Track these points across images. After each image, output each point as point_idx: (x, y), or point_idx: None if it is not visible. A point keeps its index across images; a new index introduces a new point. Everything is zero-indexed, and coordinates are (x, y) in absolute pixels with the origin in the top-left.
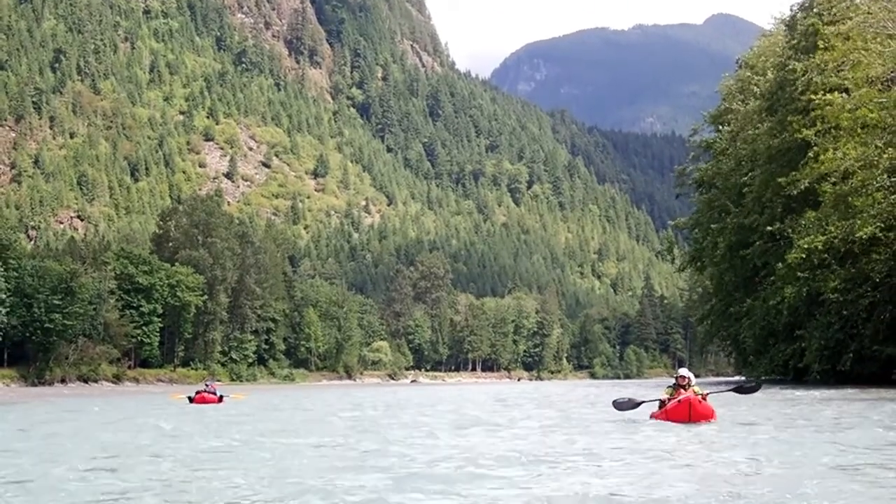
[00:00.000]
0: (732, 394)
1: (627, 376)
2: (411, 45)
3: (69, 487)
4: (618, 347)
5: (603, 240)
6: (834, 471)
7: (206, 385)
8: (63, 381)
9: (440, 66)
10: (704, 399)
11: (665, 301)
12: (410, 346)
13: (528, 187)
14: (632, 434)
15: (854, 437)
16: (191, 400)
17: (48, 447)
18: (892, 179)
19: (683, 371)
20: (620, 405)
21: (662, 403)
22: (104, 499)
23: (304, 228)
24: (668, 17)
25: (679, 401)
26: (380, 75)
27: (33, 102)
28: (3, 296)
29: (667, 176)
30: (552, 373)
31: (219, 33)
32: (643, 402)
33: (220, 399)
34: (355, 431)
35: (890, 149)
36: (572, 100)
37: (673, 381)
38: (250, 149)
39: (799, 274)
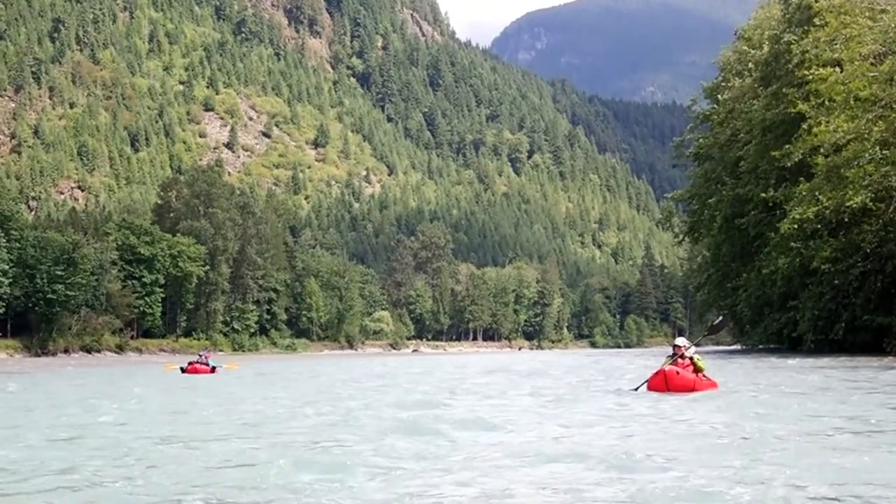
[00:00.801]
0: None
1: (628, 345)
2: (411, 15)
3: None
4: (618, 317)
5: (603, 209)
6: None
7: (200, 356)
8: (66, 351)
9: (440, 36)
10: (695, 370)
11: (665, 270)
12: (412, 315)
13: (529, 157)
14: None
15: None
16: (183, 370)
17: None
18: (884, 152)
19: (680, 340)
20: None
21: None
22: None
23: (305, 199)
24: None
25: (656, 372)
26: (380, 45)
27: (32, 72)
28: (6, 267)
29: (667, 145)
30: (553, 342)
31: (218, 3)
32: (638, 387)
33: (213, 370)
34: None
35: (881, 122)
36: (573, 69)
37: (671, 350)
38: (250, 119)
39: (792, 244)
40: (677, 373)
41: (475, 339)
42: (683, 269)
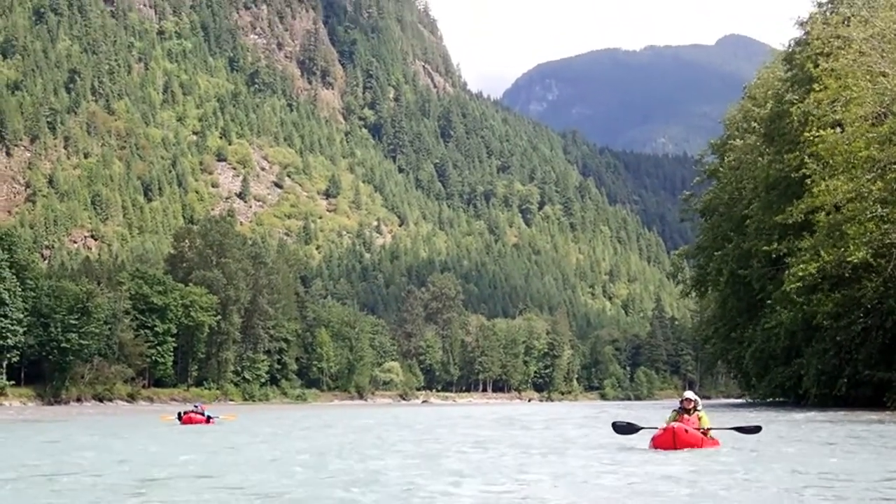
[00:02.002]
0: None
1: (638, 397)
2: (423, 66)
3: None
4: (628, 369)
5: (614, 261)
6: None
7: (195, 406)
8: (79, 400)
9: (452, 87)
10: (705, 433)
11: (675, 322)
12: (422, 366)
13: (540, 208)
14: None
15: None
16: (179, 419)
17: None
18: (884, 210)
19: (689, 394)
20: (620, 428)
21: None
22: None
23: (316, 248)
24: (679, 38)
25: (664, 428)
26: (392, 96)
27: (48, 122)
28: (21, 315)
29: (678, 197)
30: (563, 394)
31: (232, 54)
32: (643, 427)
33: (209, 420)
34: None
35: (880, 181)
36: (584, 120)
37: (678, 404)
38: (263, 169)
39: (795, 299)
40: (686, 431)
41: (485, 390)
42: (693, 322)
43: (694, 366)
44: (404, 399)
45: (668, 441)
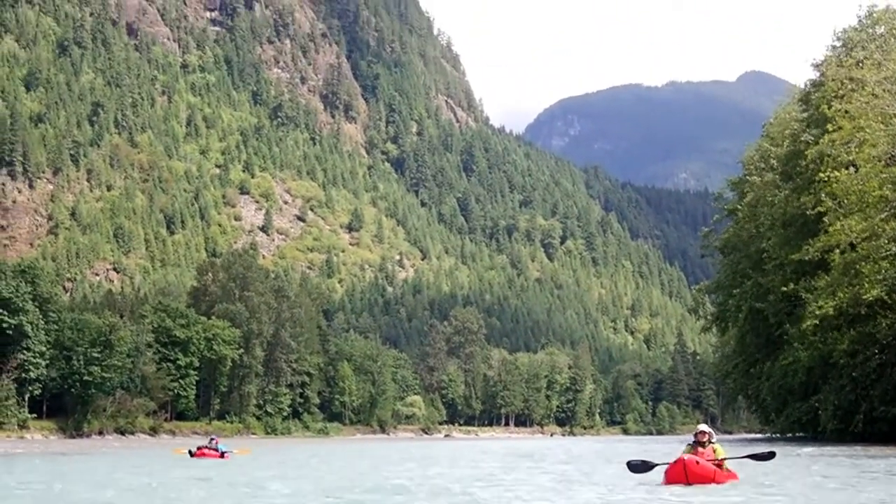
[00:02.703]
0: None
1: (660, 432)
2: (446, 101)
3: None
4: (650, 403)
5: (636, 295)
6: None
7: (211, 440)
8: (101, 433)
9: (474, 122)
10: (720, 465)
11: (697, 357)
12: (444, 400)
13: (562, 242)
14: None
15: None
16: (191, 454)
17: None
18: None
19: (703, 427)
20: (635, 467)
21: None
22: None
23: (339, 282)
24: (701, 74)
25: (675, 461)
26: (414, 130)
27: (71, 155)
28: (44, 349)
29: (699, 232)
30: (585, 428)
31: (255, 88)
32: (658, 465)
33: (223, 455)
34: None
35: (893, 220)
36: (606, 155)
37: (692, 438)
38: (285, 202)
39: (811, 338)
40: (697, 462)
41: (507, 424)
42: (714, 357)
43: (716, 401)
44: (426, 433)
45: (679, 474)
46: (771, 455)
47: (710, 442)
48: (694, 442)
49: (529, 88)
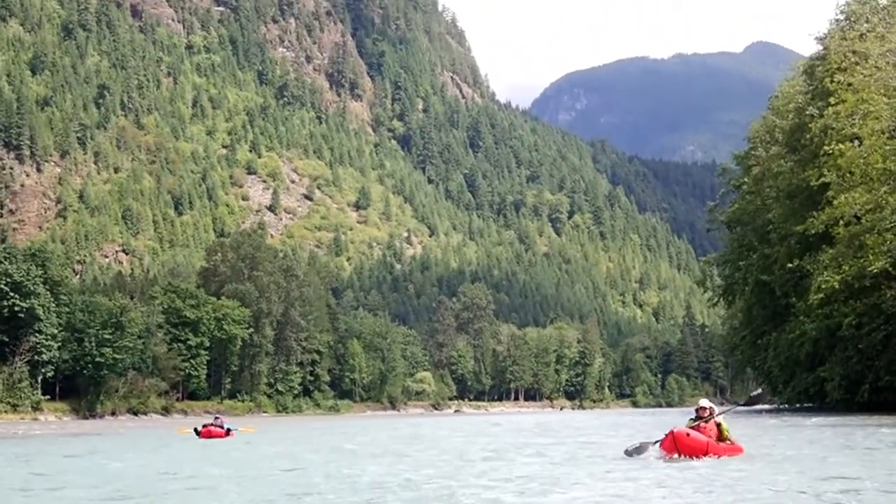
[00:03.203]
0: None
1: (669, 404)
2: (451, 77)
3: None
4: (659, 376)
5: (644, 269)
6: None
7: (216, 418)
8: (113, 413)
9: (480, 98)
10: (723, 439)
11: (706, 330)
12: (453, 376)
13: (569, 217)
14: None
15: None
16: (198, 433)
17: None
18: None
19: (704, 402)
20: (630, 453)
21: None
22: None
23: (347, 260)
24: (707, 46)
25: (666, 434)
26: (420, 107)
27: (78, 138)
28: (55, 331)
29: (708, 204)
30: (594, 402)
31: (260, 67)
32: (651, 443)
33: (228, 433)
34: None
35: (895, 194)
36: (612, 129)
37: (694, 413)
38: (293, 181)
39: (818, 311)
40: (687, 434)
41: (517, 398)
42: (723, 329)
43: (725, 372)
44: (436, 409)
45: (670, 446)
46: (758, 398)
47: (712, 417)
48: (696, 417)
49: (535, 63)
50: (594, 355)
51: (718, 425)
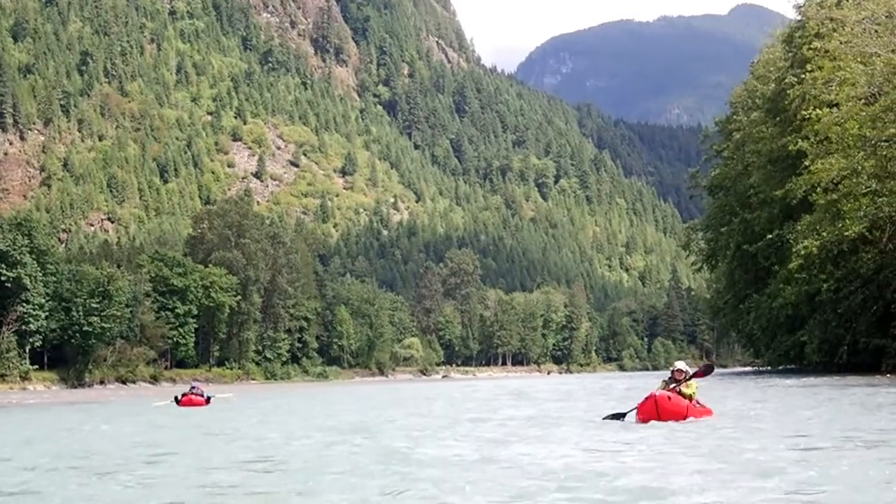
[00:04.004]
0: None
1: (656, 368)
2: (437, 42)
3: None
4: (646, 339)
5: (630, 233)
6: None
7: (193, 387)
8: (102, 382)
9: (466, 62)
10: (691, 400)
11: (692, 293)
12: (441, 342)
13: (556, 182)
14: None
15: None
16: (177, 401)
17: None
18: (877, 185)
19: (680, 364)
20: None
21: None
22: None
23: (334, 227)
24: (692, 8)
25: (646, 398)
26: (406, 72)
27: (61, 105)
28: (43, 300)
29: (693, 167)
30: (581, 366)
31: (245, 33)
32: (627, 412)
33: (208, 401)
34: None
35: (872, 158)
36: (598, 92)
37: (668, 375)
38: (278, 148)
39: (797, 276)
40: (669, 398)
41: (504, 363)
42: (709, 292)
43: (710, 335)
44: (424, 374)
45: (650, 411)
46: (709, 369)
47: (687, 381)
48: (670, 379)
49: (520, 27)
50: (581, 319)
51: (687, 388)
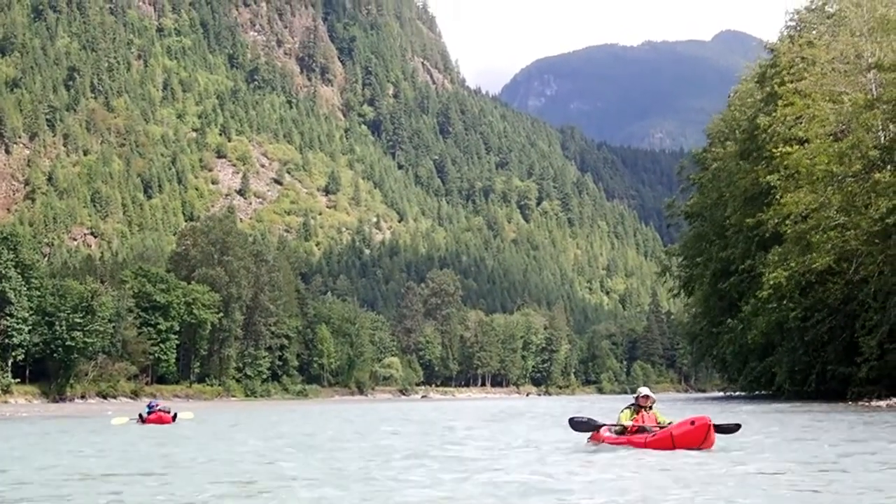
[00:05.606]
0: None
1: (634, 391)
2: (422, 63)
3: None
4: (625, 363)
5: (611, 256)
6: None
7: (151, 405)
8: (83, 397)
9: (450, 83)
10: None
11: (671, 317)
12: (421, 361)
13: (538, 204)
14: None
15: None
16: (142, 419)
17: None
18: (845, 218)
19: (645, 390)
20: (577, 425)
21: (624, 430)
22: None
23: (316, 245)
24: (676, 34)
25: (693, 423)
26: (391, 92)
27: (47, 120)
28: (26, 314)
29: (675, 192)
30: (560, 388)
31: (231, 51)
32: (604, 424)
33: (174, 418)
34: None
35: (839, 193)
36: (582, 115)
37: (633, 401)
38: (262, 166)
39: (767, 306)
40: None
41: (483, 384)
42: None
43: (689, 360)
44: (404, 394)
45: (699, 436)
46: (737, 427)
47: (651, 407)
48: (634, 405)
49: (505, 49)
50: (561, 342)
51: (655, 416)
